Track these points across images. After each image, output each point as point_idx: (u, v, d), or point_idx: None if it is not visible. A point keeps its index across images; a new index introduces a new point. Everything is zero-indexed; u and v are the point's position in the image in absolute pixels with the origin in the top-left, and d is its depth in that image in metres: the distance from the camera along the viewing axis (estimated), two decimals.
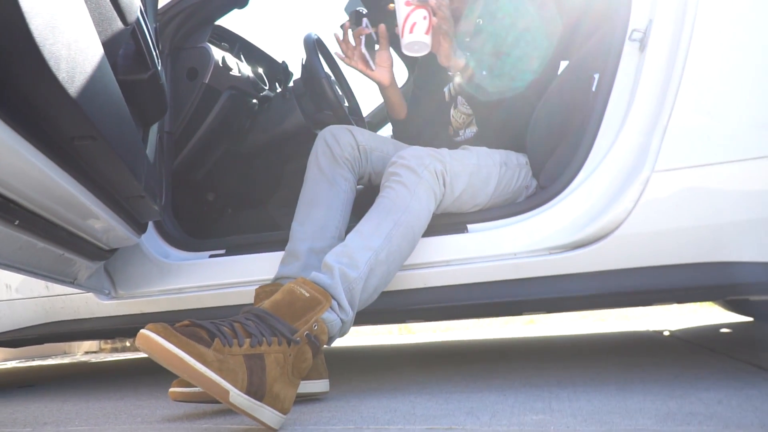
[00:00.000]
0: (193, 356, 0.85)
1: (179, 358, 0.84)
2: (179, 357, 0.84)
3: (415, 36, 1.42)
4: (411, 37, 1.42)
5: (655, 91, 1.30)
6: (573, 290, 1.31)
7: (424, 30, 1.42)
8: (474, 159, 1.46)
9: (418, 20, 1.41)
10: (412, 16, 1.42)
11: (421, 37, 1.42)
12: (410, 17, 1.42)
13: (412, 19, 1.42)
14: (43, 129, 0.78)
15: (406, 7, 1.42)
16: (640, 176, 1.25)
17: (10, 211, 0.88)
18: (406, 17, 1.42)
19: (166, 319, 1.60)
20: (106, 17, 0.92)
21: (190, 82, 1.87)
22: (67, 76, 0.69)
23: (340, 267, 1.12)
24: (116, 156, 0.95)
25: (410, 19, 1.42)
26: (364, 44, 1.66)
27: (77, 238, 1.21)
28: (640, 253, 1.26)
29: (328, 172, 1.48)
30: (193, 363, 0.84)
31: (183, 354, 0.84)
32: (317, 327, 1.02)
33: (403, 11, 1.42)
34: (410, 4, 1.41)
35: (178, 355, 0.84)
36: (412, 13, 1.41)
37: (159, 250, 1.62)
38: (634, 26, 1.37)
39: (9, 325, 1.63)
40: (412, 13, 1.41)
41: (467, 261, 1.36)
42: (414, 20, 1.41)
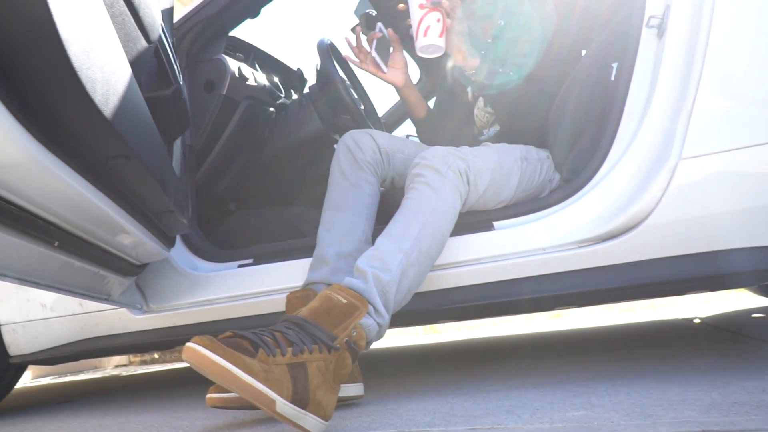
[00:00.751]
0: (240, 367, 0.86)
1: (226, 370, 0.85)
2: (226, 369, 0.85)
3: (429, 39, 1.43)
4: (425, 41, 1.43)
5: (677, 77, 1.28)
6: (605, 283, 1.30)
7: (438, 33, 1.43)
8: (495, 155, 1.46)
9: (432, 23, 1.42)
10: (426, 20, 1.42)
11: (435, 40, 1.43)
12: (424, 20, 1.43)
13: (426, 22, 1.42)
14: (79, 151, 0.80)
15: (419, 10, 1.43)
16: (667, 164, 1.23)
17: (50, 233, 0.89)
18: (420, 20, 1.43)
19: (198, 331, 1.62)
20: (131, 37, 0.94)
21: (208, 95, 1.89)
22: (102, 98, 0.71)
23: (373, 271, 1.12)
24: (148, 173, 0.96)
25: (424, 23, 1.43)
26: (375, 47, 1.66)
27: (110, 256, 1.23)
28: (672, 241, 1.25)
29: (351, 177, 1.48)
30: (241, 374, 0.85)
31: (230, 366, 0.85)
32: (356, 333, 1.03)
33: (417, 14, 1.43)
34: (424, 7, 1.42)
35: (226, 367, 0.85)
36: (426, 16, 1.42)
37: (187, 262, 1.64)
38: (650, 13, 1.35)
39: (47, 343, 1.66)
40: (425, 16, 1.42)
41: (497, 258, 1.36)
42: (428, 23, 1.42)
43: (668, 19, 1.31)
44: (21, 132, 0.64)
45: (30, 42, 0.60)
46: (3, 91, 0.60)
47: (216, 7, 1.81)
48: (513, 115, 1.58)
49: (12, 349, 1.65)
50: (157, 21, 1.06)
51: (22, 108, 0.64)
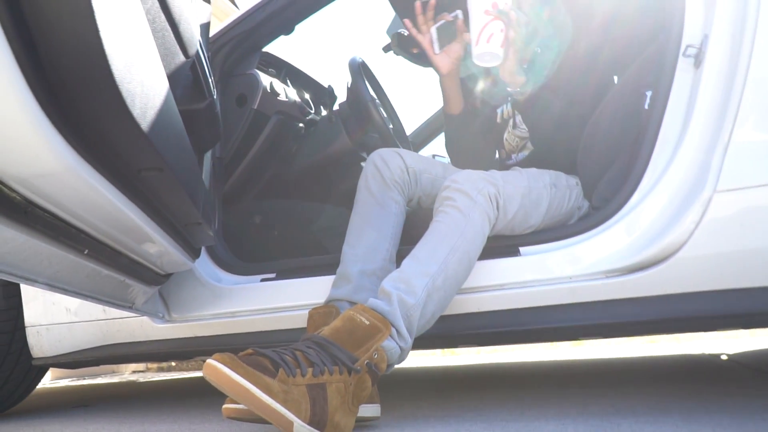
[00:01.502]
0: (260, 387, 0.85)
1: (246, 389, 0.85)
2: (246, 388, 0.85)
3: (490, 47, 1.41)
4: (486, 47, 1.41)
5: (714, 108, 1.26)
6: (632, 315, 1.27)
7: (500, 42, 1.41)
8: (525, 181, 1.45)
9: (495, 32, 1.41)
10: (490, 27, 1.41)
11: (496, 48, 1.41)
12: (487, 27, 1.41)
13: (490, 29, 1.41)
14: (114, 162, 0.81)
15: (485, 16, 1.40)
16: (702, 196, 1.21)
17: (80, 241, 0.90)
18: (483, 27, 1.41)
19: (218, 342, 1.63)
20: (170, 51, 0.95)
21: (240, 108, 1.92)
22: (141, 112, 0.72)
23: (397, 293, 1.11)
24: (179, 185, 0.97)
25: (487, 29, 1.41)
26: (438, 27, 1.61)
27: (137, 265, 1.24)
28: (704, 276, 1.22)
29: (378, 195, 1.48)
30: (260, 394, 0.85)
31: (250, 385, 0.85)
32: (377, 355, 1.02)
33: (480, 20, 1.41)
34: (489, 14, 1.40)
35: (245, 386, 0.85)
36: (491, 23, 1.40)
37: (211, 274, 1.65)
38: (688, 41, 1.34)
39: (69, 347, 1.68)
40: (490, 23, 1.40)
41: (521, 285, 1.34)
42: (491, 31, 1.41)
43: (706, 49, 1.29)
44: (60, 142, 0.65)
45: (75, 56, 0.61)
46: (45, 102, 0.62)
47: (251, 23, 1.84)
48: (547, 135, 1.57)
49: (35, 351, 1.67)
50: (195, 36, 1.08)
51: (62, 118, 0.65)
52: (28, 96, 0.59)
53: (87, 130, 0.70)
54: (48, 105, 0.62)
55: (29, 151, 0.63)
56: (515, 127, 1.71)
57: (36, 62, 0.60)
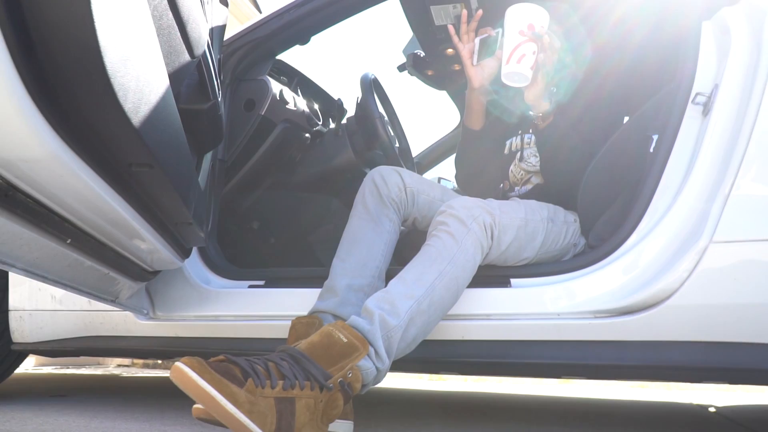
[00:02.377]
0: (225, 395, 0.84)
1: (211, 396, 0.83)
2: (211, 395, 0.83)
3: (521, 68, 1.42)
4: (516, 68, 1.42)
5: (718, 158, 1.26)
6: (617, 359, 1.25)
7: (530, 64, 1.42)
8: (522, 213, 1.44)
9: (527, 53, 1.41)
10: (523, 47, 1.42)
11: (525, 70, 1.42)
12: (520, 48, 1.42)
13: (522, 50, 1.42)
14: (103, 154, 0.80)
15: (519, 37, 1.42)
16: (698, 245, 1.20)
17: (64, 230, 0.90)
18: (516, 47, 1.42)
19: (199, 345, 1.61)
20: (175, 49, 0.95)
21: (247, 113, 1.92)
22: (133, 106, 0.71)
23: (380, 313, 1.10)
24: (170, 183, 0.97)
25: (520, 50, 1.42)
26: (480, 38, 1.61)
27: (123, 259, 1.23)
28: (693, 326, 1.20)
29: (373, 211, 1.48)
30: (224, 403, 0.83)
31: (215, 392, 0.83)
32: (351, 375, 1.00)
33: (514, 40, 1.42)
34: (524, 35, 1.41)
35: (210, 393, 0.83)
36: (523, 44, 1.41)
37: (200, 275, 1.63)
38: (698, 89, 1.34)
39: (50, 334, 1.67)
40: (523, 44, 1.41)
41: (508, 317, 1.32)
42: (523, 52, 1.42)
43: (715, 98, 1.28)
44: (46, 128, 0.65)
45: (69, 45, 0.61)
46: (33, 87, 0.61)
47: (267, 30, 1.85)
48: (559, 168, 1.57)
49: (15, 336, 1.66)
50: (203, 37, 1.08)
51: (51, 105, 0.64)
52: (15, 79, 0.58)
53: (77, 119, 0.70)
54: (36, 90, 0.61)
55: (13, 135, 0.63)
56: (522, 159, 1.70)
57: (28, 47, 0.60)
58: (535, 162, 1.68)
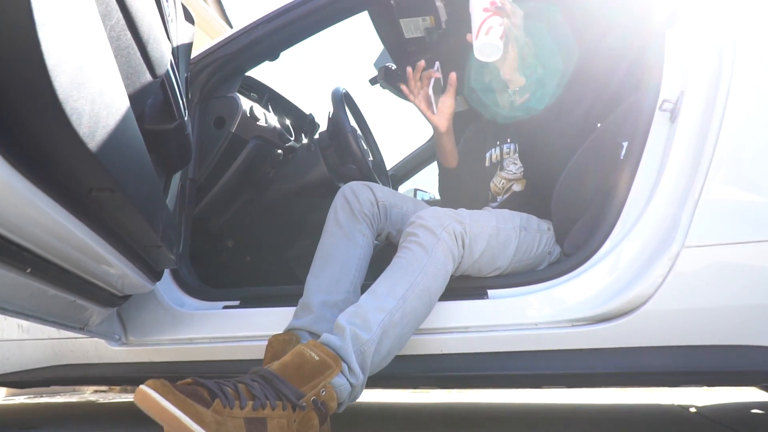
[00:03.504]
0: (190, 416, 0.81)
1: (175, 418, 0.80)
2: (175, 416, 0.80)
3: (489, 38, 1.46)
4: (486, 39, 1.46)
5: (687, 164, 1.27)
6: (596, 366, 1.25)
7: (499, 35, 1.47)
8: (493, 221, 1.43)
9: (494, 25, 1.46)
10: (489, 21, 1.47)
11: (495, 40, 1.46)
12: (486, 22, 1.47)
13: (488, 23, 1.47)
14: (60, 180, 0.78)
15: (483, 13, 1.47)
16: (670, 250, 1.20)
17: (22, 259, 0.86)
18: (482, 22, 1.47)
19: (174, 369, 1.57)
20: (135, 70, 0.93)
21: (217, 131, 1.89)
22: (89, 131, 0.69)
23: (351, 328, 1.08)
24: (135, 207, 0.94)
25: (486, 24, 1.47)
26: (431, 87, 1.67)
27: (90, 285, 1.19)
28: (669, 331, 1.20)
29: (345, 227, 1.46)
30: (189, 423, 0.81)
31: (179, 413, 0.81)
32: (325, 393, 0.98)
33: (479, 16, 1.48)
34: (488, 10, 1.47)
35: (174, 414, 0.80)
36: (489, 18, 1.47)
37: (174, 297, 1.60)
38: (664, 96, 1.35)
39: (17, 365, 1.61)
40: (488, 18, 1.47)
41: (486, 329, 1.31)
42: (490, 24, 1.47)
43: (681, 105, 1.30)
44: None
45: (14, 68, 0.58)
46: None
47: (236, 47, 1.83)
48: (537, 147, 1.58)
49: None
50: (165, 56, 1.05)
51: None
52: None
53: (29, 145, 0.67)
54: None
55: None
56: (502, 169, 1.71)
57: None
58: (515, 170, 1.69)
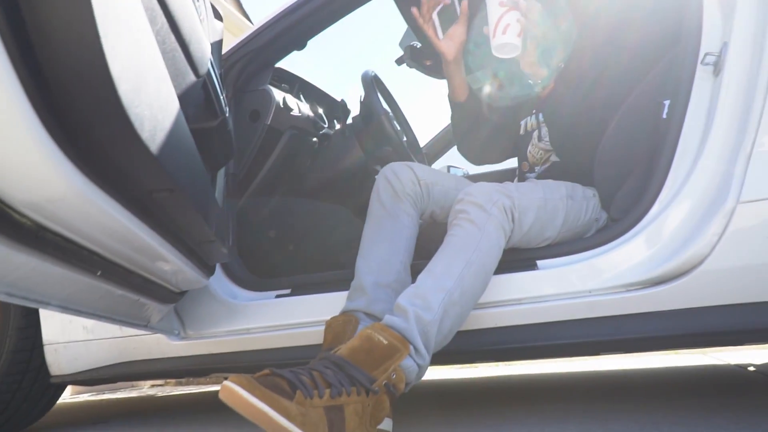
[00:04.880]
0: (278, 410, 0.84)
1: (264, 413, 0.83)
2: (264, 411, 0.83)
3: (507, 37, 1.41)
4: (504, 39, 1.41)
5: (735, 117, 1.24)
6: (654, 330, 1.24)
7: (517, 32, 1.42)
8: (540, 192, 1.43)
9: (511, 22, 1.41)
10: (506, 18, 1.41)
11: (513, 39, 1.41)
12: (503, 18, 1.41)
13: (506, 20, 1.41)
14: (125, 184, 0.81)
15: (499, 8, 1.41)
16: (725, 207, 1.18)
17: (92, 263, 0.90)
18: (499, 18, 1.42)
19: (234, 359, 1.62)
20: (180, 71, 0.95)
21: (253, 124, 1.92)
22: (150, 134, 0.71)
23: (414, 310, 1.09)
24: (191, 205, 0.97)
25: (503, 21, 1.41)
26: (440, 13, 1.62)
27: (151, 284, 1.23)
28: (728, 289, 1.18)
29: (390, 208, 1.47)
30: (278, 418, 0.84)
31: (267, 408, 0.83)
32: (395, 376, 1.00)
33: (496, 12, 1.42)
34: (504, 5, 1.41)
35: (263, 410, 0.83)
36: (506, 14, 1.41)
37: (226, 290, 1.64)
38: (706, 50, 1.31)
39: (85, 364, 1.68)
40: (505, 14, 1.41)
41: (539, 299, 1.31)
42: (507, 21, 1.41)
43: (725, 57, 1.26)
44: (68, 166, 0.65)
45: (81, 79, 0.61)
46: (53, 126, 0.61)
47: (263, 40, 1.85)
48: (568, 134, 1.55)
49: (53, 369, 1.68)
50: (206, 55, 1.07)
51: (69, 142, 0.64)
52: (36, 122, 0.58)
53: (96, 154, 0.70)
54: (56, 130, 0.62)
55: (38, 177, 0.63)
56: (540, 139, 1.69)
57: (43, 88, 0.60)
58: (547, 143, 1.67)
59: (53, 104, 0.61)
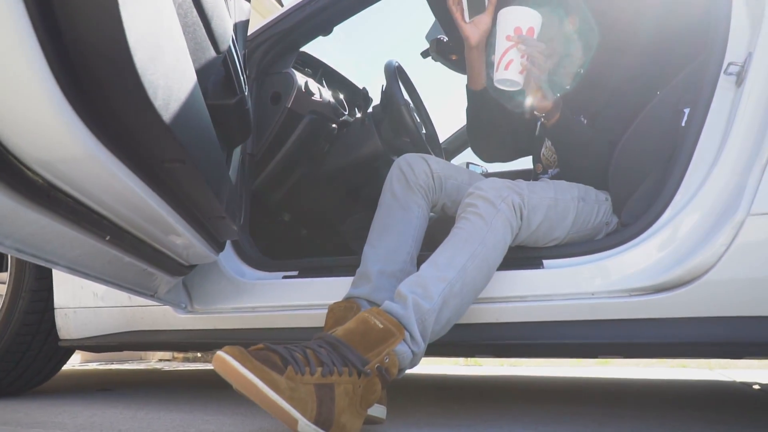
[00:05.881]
0: (267, 383, 0.86)
1: (253, 384, 0.85)
2: (253, 383, 0.85)
3: (509, 74, 1.40)
4: (505, 74, 1.40)
5: (754, 129, 1.23)
6: (655, 336, 1.23)
7: (519, 69, 1.40)
8: (551, 192, 1.42)
9: (515, 58, 1.39)
10: (510, 53, 1.40)
11: (514, 75, 1.40)
12: (507, 54, 1.40)
13: (509, 56, 1.40)
14: (137, 151, 0.82)
15: (506, 42, 1.40)
16: (735, 218, 1.17)
17: (102, 227, 0.92)
18: (504, 53, 1.40)
19: (237, 336, 1.65)
20: (200, 46, 0.97)
21: (274, 106, 1.94)
22: (163, 103, 0.73)
23: (413, 297, 1.10)
24: (202, 179, 0.99)
25: (507, 56, 1.40)
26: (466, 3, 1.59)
27: (160, 254, 1.26)
28: (732, 301, 1.17)
29: (401, 198, 1.48)
30: (266, 390, 0.85)
31: (257, 380, 0.85)
32: (388, 360, 1.01)
33: (502, 45, 1.41)
34: (510, 39, 1.39)
35: (252, 381, 0.85)
36: (510, 50, 1.39)
37: (235, 268, 1.67)
38: (730, 59, 1.30)
39: (94, 331, 1.72)
40: (509, 50, 1.39)
41: (542, 298, 1.32)
42: (511, 57, 1.39)
43: (749, 67, 1.25)
44: (82, 128, 0.67)
45: (99, 45, 0.62)
46: (68, 87, 0.63)
47: (290, 23, 1.86)
48: (574, 162, 1.57)
49: (62, 333, 1.72)
50: (228, 32, 1.09)
51: (84, 105, 0.66)
52: (51, 82, 0.60)
53: (109, 118, 0.72)
54: (71, 91, 0.63)
55: (51, 136, 0.65)
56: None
57: (61, 50, 0.62)
58: None
59: (69, 65, 0.63)
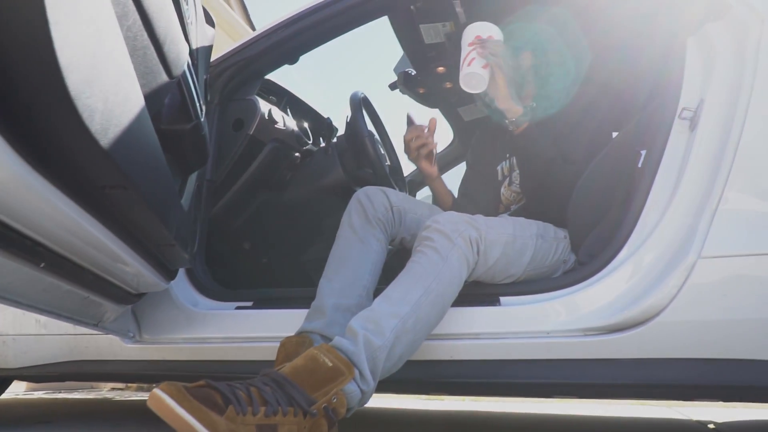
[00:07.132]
0: (205, 424, 0.81)
1: (189, 426, 0.81)
2: (189, 424, 0.81)
3: (472, 68, 1.48)
4: (468, 69, 1.49)
5: (705, 173, 1.25)
6: (608, 377, 1.23)
7: (482, 64, 1.49)
8: (510, 228, 1.42)
9: (476, 57, 1.49)
10: (471, 54, 1.50)
11: (478, 69, 1.48)
12: (469, 55, 1.50)
13: (471, 56, 1.50)
14: (74, 177, 0.79)
15: (468, 48, 1.51)
16: (686, 260, 1.18)
17: (36, 254, 0.88)
18: (465, 56, 1.51)
19: (187, 368, 1.58)
20: (151, 70, 0.94)
21: (236, 133, 1.91)
22: (101, 128, 0.70)
23: (365, 333, 1.08)
24: (147, 205, 0.95)
25: (469, 57, 1.50)
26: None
27: (104, 282, 1.21)
28: (684, 343, 1.18)
29: (360, 231, 1.46)
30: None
31: (194, 421, 0.81)
32: (336, 399, 0.98)
33: (464, 52, 1.52)
34: (472, 44, 1.50)
35: (189, 422, 0.81)
36: (471, 52, 1.50)
37: (188, 297, 1.61)
38: (684, 104, 1.33)
39: (34, 359, 1.64)
40: (471, 52, 1.50)
41: (497, 336, 1.30)
42: (473, 56, 1.50)
43: (701, 113, 1.28)
44: (6, 150, 0.63)
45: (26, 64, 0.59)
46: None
47: (256, 50, 1.85)
48: (537, 181, 1.57)
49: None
50: (182, 57, 1.07)
51: (11, 127, 0.63)
52: None
53: (42, 142, 0.68)
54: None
55: None
56: (511, 183, 1.71)
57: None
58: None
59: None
